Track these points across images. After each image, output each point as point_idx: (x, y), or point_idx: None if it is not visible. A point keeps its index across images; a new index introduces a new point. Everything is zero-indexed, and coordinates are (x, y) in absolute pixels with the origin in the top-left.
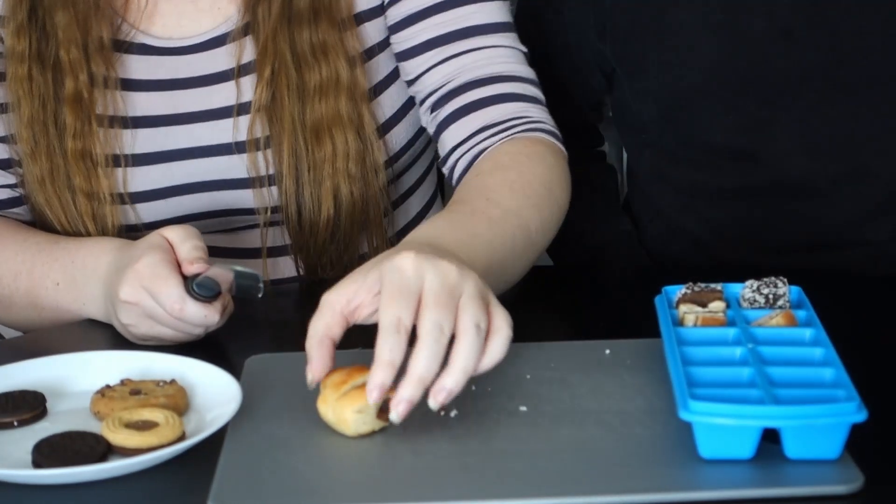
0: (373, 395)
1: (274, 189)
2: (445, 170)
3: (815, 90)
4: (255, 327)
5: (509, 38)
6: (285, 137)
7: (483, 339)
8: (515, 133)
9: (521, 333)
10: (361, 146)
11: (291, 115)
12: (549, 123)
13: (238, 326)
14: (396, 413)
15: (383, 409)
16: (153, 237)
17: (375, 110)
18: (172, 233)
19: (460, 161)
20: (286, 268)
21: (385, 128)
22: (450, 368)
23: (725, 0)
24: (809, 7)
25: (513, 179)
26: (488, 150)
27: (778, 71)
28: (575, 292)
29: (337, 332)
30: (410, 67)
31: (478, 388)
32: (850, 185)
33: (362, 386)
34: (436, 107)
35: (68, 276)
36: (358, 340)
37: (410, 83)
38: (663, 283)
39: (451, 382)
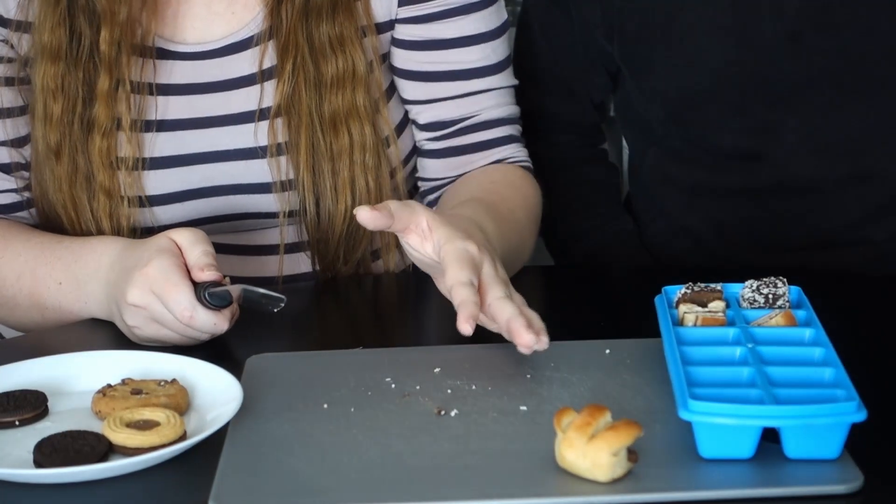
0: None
1: (294, 192)
2: (423, 185)
3: (822, 93)
4: (256, 327)
5: (502, 78)
6: (303, 131)
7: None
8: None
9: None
10: (376, 139)
11: (309, 108)
12: (527, 160)
13: (239, 326)
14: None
15: (631, 451)
16: (161, 240)
17: (391, 111)
18: (181, 236)
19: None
20: (297, 264)
21: (398, 129)
22: None
23: (735, 3)
24: (817, 10)
25: (521, 203)
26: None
27: (785, 73)
28: (575, 292)
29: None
30: (401, 87)
31: (478, 388)
32: (854, 187)
33: (613, 427)
34: (424, 140)
35: (70, 275)
36: (359, 341)
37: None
38: (663, 283)
39: None
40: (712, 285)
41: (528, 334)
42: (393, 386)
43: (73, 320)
